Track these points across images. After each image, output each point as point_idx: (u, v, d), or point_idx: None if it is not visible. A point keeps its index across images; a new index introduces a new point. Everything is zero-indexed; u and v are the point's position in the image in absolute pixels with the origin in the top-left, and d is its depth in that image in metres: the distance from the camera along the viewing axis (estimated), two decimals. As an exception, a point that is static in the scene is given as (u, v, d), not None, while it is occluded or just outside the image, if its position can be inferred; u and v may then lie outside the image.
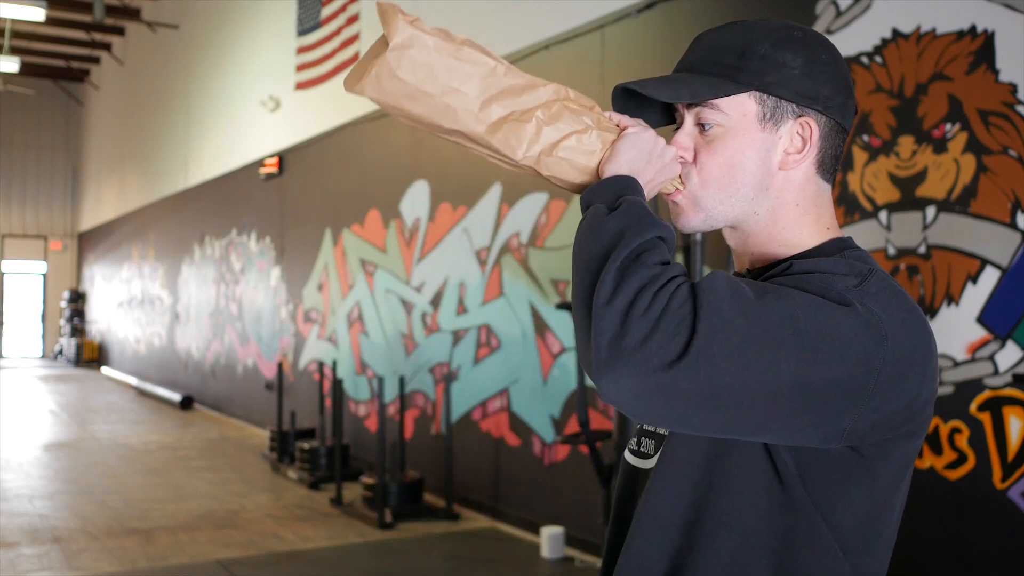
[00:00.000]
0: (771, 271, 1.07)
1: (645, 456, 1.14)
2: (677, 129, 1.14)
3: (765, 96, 1.08)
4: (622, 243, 0.96)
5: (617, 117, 1.12)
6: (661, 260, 0.97)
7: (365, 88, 1.03)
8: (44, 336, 22.80)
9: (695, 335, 0.90)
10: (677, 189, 1.13)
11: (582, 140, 1.09)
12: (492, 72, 1.05)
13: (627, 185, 1.05)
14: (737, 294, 0.93)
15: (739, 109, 1.08)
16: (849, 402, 0.94)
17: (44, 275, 22.57)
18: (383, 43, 1.03)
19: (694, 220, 1.13)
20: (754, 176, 1.09)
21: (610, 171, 1.08)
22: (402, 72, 1.02)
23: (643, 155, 1.08)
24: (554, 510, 5.67)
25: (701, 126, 1.11)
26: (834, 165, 1.13)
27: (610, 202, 1.03)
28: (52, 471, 8.22)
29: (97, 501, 6.93)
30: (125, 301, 17.94)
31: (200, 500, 6.99)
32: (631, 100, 1.15)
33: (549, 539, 5.36)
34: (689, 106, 1.12)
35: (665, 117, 1.18)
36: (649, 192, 1.10)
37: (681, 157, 1.12)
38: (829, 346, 0.92)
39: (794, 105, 1.08)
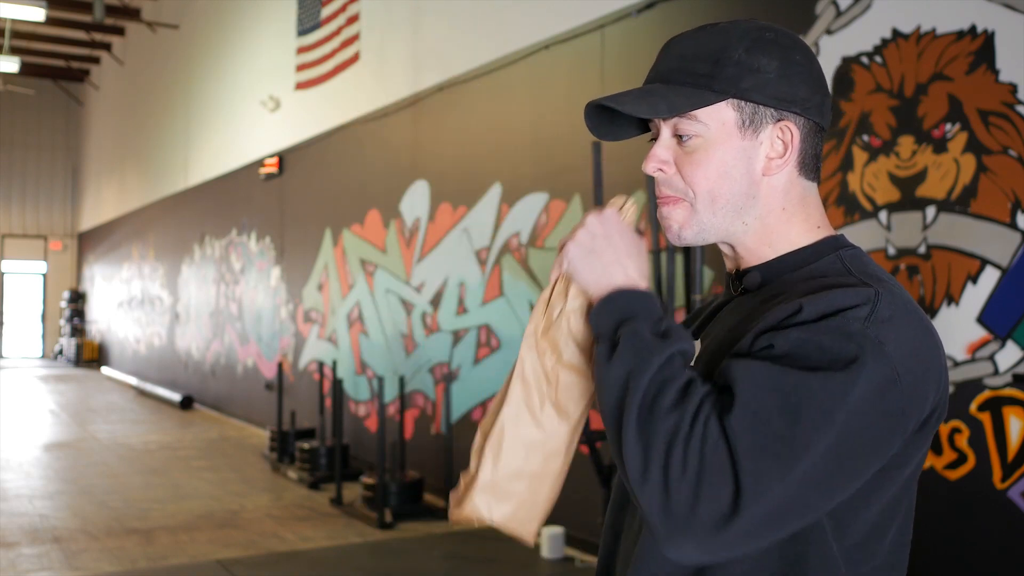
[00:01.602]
0: (779, 316, 0.99)
1: None
2: (653, 140, 1.11)
3: (743, 103, 1.06)
4: (630, 394, 0.94)
5: (554, 274, 1.10)
6: (676, 394, 0.93)
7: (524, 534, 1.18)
8: (44, 336, 22.80)
9: (740, 484, 0.89)
10: (668, 197, 1.11)
11: (566, 326, 1.09)
12: (520, 417, 1.10)
13: (616, 307, 1.02)
14: (767, 418, 0.91)
15: (717, 118, 1.06)
16: (887, 446, 0.97)
17: (44, 275, 22.57)
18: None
19: (686, 233, 1.11)
20: (740, 185, 1.08)
21: (596, 294, 1.05)
22: (510, 505, 1.15)
23: (598, 255, 1.06)
24: (554, 510, 5.65)
25: (679, 137, 1.08)
26: (816, 164, 1.12)
27: (609, 335, 1.01)
28: (52, 471, 8.22)
29: (97, 501, 6.93)
30: (125, 301, 17.94)
31: (200, 500, 6.99)
32: (604, 114, 1.12)
33: (549, 539, 5.36)
34: (666, 117, 1.09)
35: (640, 128, 1.15)
36: (641, 268, 1.07)
37: (660, 169, 1.10)
38: (861, 422, 0.93)
39: (772, 109, 1.06)
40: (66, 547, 5.65)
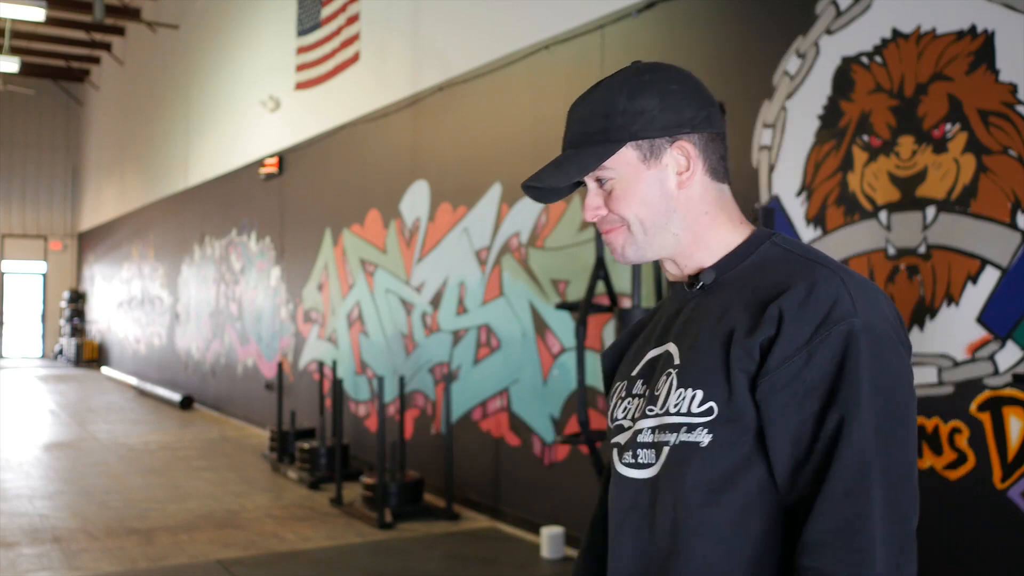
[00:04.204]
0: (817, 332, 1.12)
1: (645, 466, 1.22)
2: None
3: (640, 141, 1.22)
4: None
5: None
6: None
7: None
8: (44, 336, 22.80)
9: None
10: (608, 229, 1.26)
11: None
12: None
13: None
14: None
15: (622, 160, 1.23)
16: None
17: (44, 275, 22.56)
18: None
19: (628, 252, 1.27)
20: (660, 205, 1.24)
21: None
22: None
23: None
24: (554, 510, 5.66)
25: (599, 182, 1.26)
26: (723, 166, 1.27)
27: None
28: (52, 471, 8.21)
29: (97, 501, 6.93)
30: (125, 301, 17.94)
31: (200, 500, 6.99)
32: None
33: (549, 539, 5.36)
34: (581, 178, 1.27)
35: (576, 183, 1.32)
36: None
37: (596, 214, 1.27)
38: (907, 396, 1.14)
39: (666, 138, 1.22)
40: (66, 547, 5.65)
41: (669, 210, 1.24)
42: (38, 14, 13.38)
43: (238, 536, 5.92)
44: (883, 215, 3.82)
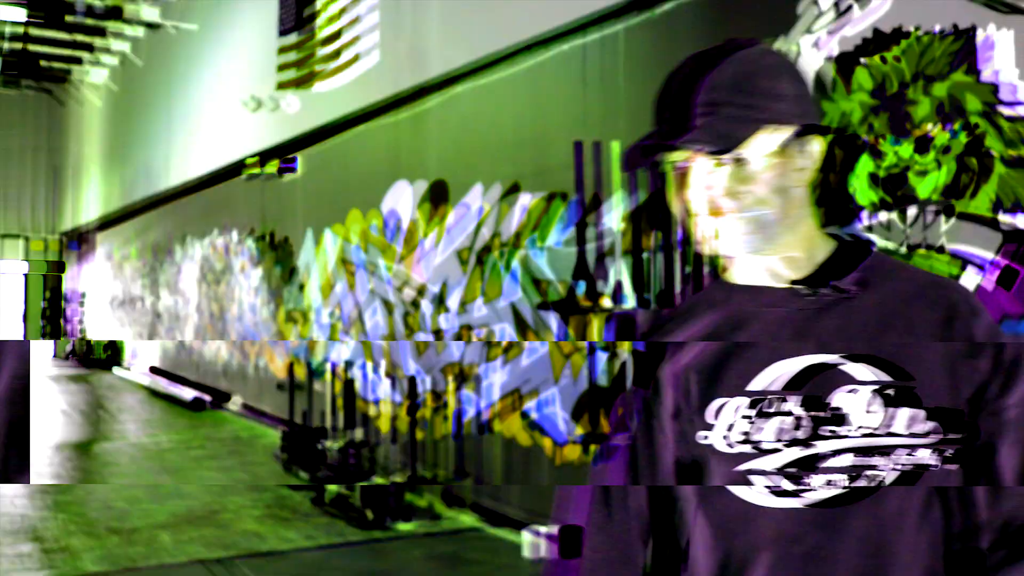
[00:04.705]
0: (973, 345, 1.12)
1: (814, 491, 1.13)
2: (673, 163, 1.17)
3: (777, 126, 1.13)
4: None
5: None
6: None
7: None
8: (46, 336, 22.64)
9: None
10: (713, 217, 1.15)
11: None
12: None
13: None
14: None
15: (755, 143, 1.13)
16: None
17: (26, 275, 22.42)
18: None
19: (730, 242, 1.16)
20: (780, 198, 1.15)
21: None
22: None
23: None
24: (547, 510, 5.70)
25: (717, 161, 1.14)
26: None
27: None
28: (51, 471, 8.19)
29: (96, 501, 6.91)
30: (124, 301, 17.87)
31: (194, 500, 6.98)
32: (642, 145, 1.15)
33: (536, 540, 5.37)
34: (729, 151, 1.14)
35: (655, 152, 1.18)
36: None
37: (707, 194, 1.15)
38: None
39: (797, 127, 1.15)
40: (55, 547, 5.63)
41: (786, 206, 1.15)
42: (19, 14, 13.28)
43: (225, 536, 5.92)
44: (867, 215, 3.87)
